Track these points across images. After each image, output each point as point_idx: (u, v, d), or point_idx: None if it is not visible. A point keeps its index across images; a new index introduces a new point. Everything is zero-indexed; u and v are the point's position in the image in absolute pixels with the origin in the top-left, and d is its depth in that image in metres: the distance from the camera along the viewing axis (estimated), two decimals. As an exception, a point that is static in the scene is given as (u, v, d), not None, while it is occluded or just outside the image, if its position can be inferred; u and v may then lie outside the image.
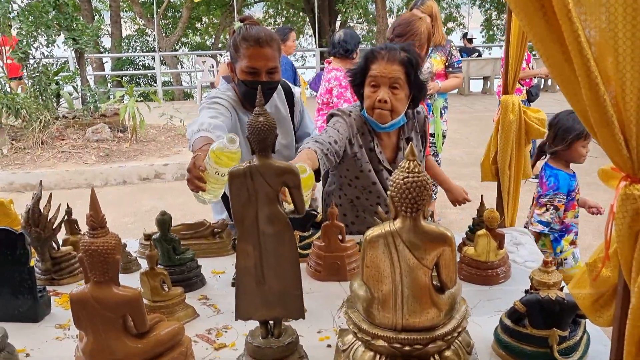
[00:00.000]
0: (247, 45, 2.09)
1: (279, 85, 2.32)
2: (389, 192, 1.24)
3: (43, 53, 7.25)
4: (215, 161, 1.65)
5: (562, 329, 1.39)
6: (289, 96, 2.44)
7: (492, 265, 1.84)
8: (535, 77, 6.10)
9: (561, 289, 1.43)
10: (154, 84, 18.05)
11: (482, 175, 2.31)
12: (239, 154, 1.66)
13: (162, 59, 16.42)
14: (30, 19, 7.13)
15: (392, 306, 1.27)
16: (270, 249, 1.32)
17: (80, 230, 2.19)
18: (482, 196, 1.96)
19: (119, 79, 15.08)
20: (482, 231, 1.83)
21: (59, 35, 7.65)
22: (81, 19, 8.50)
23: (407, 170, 1.20)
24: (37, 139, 7.14)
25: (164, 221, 1.88)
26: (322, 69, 13.80)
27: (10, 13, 7.56)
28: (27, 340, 1.61)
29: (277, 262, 1.33)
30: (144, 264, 2.08)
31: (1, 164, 6.86)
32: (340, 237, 1.93)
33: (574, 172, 2.81)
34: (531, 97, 5.81)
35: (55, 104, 7.84)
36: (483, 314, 1.69)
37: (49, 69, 7.58)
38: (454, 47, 4.42)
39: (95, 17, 18.76)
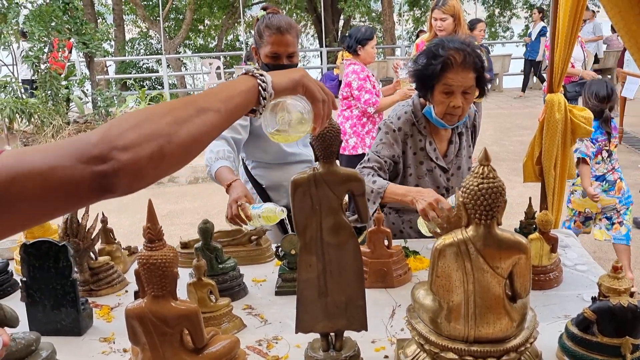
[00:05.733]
0: (269, 32, 2.28)
1: None
2: (460, 199, 1.19)
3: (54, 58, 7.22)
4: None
5: (635, 337, 1.34)
6: None
7: (545, 269, 1.79)
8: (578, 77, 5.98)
9: (631, 295, 1.38)
10: (158, 87, 18.03)
11: (524, 175, 2.25)
12: None
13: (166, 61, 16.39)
14: (41, 24, 7.09)
15: (463, 317, 1.22)
16: (334, 259, 1.27)
17: (115, 240, 2.14)
18: (530, 198, 1.92)
19: (124, 81, 15.08)
20: (535, 235, 1.78)
21: (69, 39, 7.61)
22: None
23: (481, 175, 1.15)
24: (49, 144, 7.09)
25: (206, 229, 1.83)
26: (329, 69, 13.77)
27: (16, 18, 7.54)
28: (73, 355, 1.57)
29: (340, 273, 1.29)
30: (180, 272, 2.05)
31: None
32: (386, 242, 1.88)
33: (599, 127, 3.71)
34: (566, 93, 5.68)
35: (65, 109, 7.80)
36: (541, 321, 1.62)
37: (58, 72, 7.53)
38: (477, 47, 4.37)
39: (99, 21, 18.76)
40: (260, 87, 0.97)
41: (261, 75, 0.98)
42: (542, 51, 11.69)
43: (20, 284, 1.74)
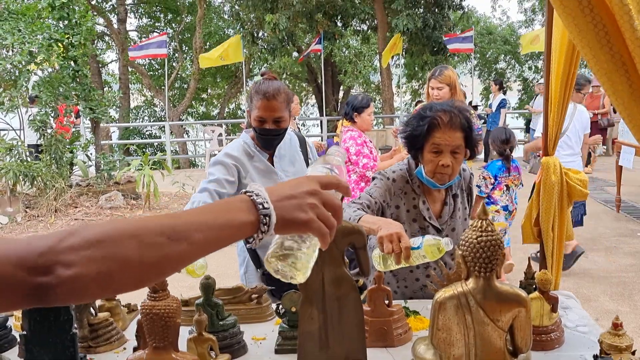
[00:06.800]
0: (258, 97, 2.40)
1: (295, 136, 2.71)
2: (460, 252, 1.22)
3: (61, 122, 7.42)
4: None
5: (638, 395, 1.33)
6: (303, 145, 2.74)
7: (546, 330, 1.78)
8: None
9: (633, 353, 1.38)
10: (159, 152, 18.30)
11: (523, 237, 2.28)
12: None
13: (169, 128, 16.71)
14: (49, 90, 7.33)
15: (464, 371, 1.22)
16: (335, 312, 1.29)
17: (115, 296, 2.14)
18: (529, 258, 1.93)
19: (127, 147, 15.33)
20: (535, 294, 1.78)
21: (76, 104, 7.84)
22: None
23: (479, 229, 1.19)
24: (50, 207, 7.16)
25: (208, 285, 1.84)
26: (329, 137, 14.01)
27: (25, 84, 7.78)
28: (70, 412, 1.54)
29: (341, 326, 1.30)
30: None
31: (15, 231, 6.86)
32: (387, 301, 1.88)
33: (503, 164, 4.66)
34: None
35: (69, 172, 7.93)
36: (543, 382, 1.62)
37: (64, 137, 7.71)
38: (473, 115, 4.50)
39: (105, 89, 19.30)
40: (260, 230, 0.86)
41: (266, 215, 0.86)
42: (502, 122, 12.06)
43: (19, 339, 1.73)
